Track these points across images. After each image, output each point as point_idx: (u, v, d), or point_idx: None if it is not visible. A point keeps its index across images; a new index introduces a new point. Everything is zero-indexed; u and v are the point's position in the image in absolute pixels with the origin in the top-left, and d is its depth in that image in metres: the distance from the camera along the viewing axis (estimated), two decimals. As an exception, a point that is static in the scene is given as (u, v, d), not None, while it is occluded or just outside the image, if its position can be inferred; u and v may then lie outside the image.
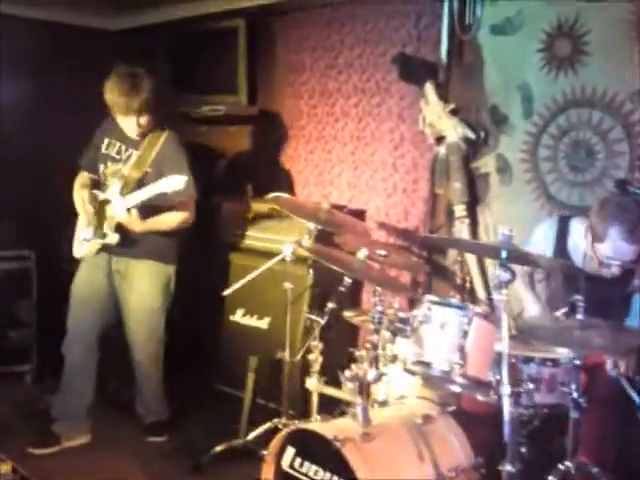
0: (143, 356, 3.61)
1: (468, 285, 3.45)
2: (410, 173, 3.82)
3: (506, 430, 2.19)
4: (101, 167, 3.53)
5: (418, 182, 3.79)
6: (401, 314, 2.73)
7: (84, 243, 3.49)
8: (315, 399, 3.12)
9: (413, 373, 2.51)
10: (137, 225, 3.35)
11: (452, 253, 3.59)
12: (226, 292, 3.43)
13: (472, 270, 3.45)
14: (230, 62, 4.56)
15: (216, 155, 4.66)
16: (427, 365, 2.43)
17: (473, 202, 3.54)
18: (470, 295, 3.43)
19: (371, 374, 2.56)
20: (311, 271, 3.65)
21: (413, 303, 3.65)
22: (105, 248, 3.47)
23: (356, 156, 4.05)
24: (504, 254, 2.30)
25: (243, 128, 4.63)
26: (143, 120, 3.42)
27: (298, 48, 4.34)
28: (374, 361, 2.57)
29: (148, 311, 3.56)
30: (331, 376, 3.13)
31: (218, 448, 3.30)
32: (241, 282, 3.36)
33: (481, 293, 3.45)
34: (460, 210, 3.50)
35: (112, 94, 3.34)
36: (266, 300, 3.80)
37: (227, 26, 4.55)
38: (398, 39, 3.82)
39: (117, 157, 3.52)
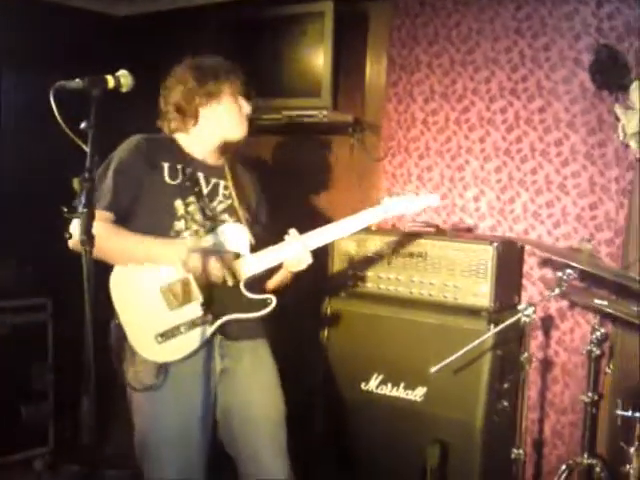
0: None
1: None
2: (586, 196, 3.06)
3: None
4: (177, 203, 2.32)
5: (597, 207, 3.05)
6: None
7: (182, 332, 2.22)
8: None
9: None
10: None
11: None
12: (435, 369, 2.52)
13: None
14: (310, 57, 3.64)
15: (294, 173, 3.70)
16: None
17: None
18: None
19: None
20: (492, 327, 2.81)
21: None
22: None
23: (504, 174, 3.24)
24: None
25: (330, 140, 3.71)
26: None
27: (407, 40, 3.47)
28: None
29: (280, 415, 2.40)
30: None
31: None
32: (451, 358, 2.47)
33: None
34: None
35: (233, 81, 2.44)
36: (417, 363, 2.90)
37: (306, 11, 3.63)
38: (568, 29, 3.06)
39: (196, 189, 2.38)
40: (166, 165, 2.35)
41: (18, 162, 3.60)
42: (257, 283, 2.39)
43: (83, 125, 1.59)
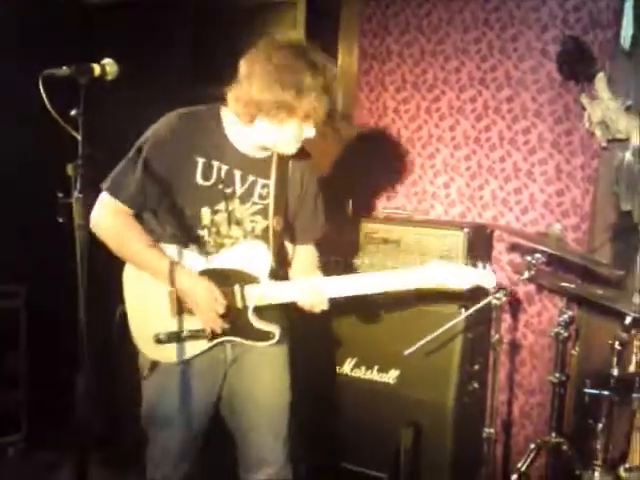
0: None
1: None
2: (553, 183, 3.15)
3: None
4: (204, 211, 2.18)
5: (563, 194, 3.14)
6: None
7: (180, 339, 2.17)
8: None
9: None
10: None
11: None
12: (408, 351, 2.59)
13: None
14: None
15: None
16: None
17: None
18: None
19: None
20: (463, 310, 2.89)
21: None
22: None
23: (474, 162, 3.32)
24: None
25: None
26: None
27: (378, 30, 3.52)
28: None
29: (284, 400, 2.36)
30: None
31: None
32: (424, 340, 2.54)
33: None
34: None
35: (313, 103, 2.02)
36: (390, 346, 2.96)
37: (278, 1, 3.66)
38: (535, 21, 3.14)
39: (228, 191, 2.20)
40: (201, 161, 2.14)
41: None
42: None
43: (73, 112, 1.61)
